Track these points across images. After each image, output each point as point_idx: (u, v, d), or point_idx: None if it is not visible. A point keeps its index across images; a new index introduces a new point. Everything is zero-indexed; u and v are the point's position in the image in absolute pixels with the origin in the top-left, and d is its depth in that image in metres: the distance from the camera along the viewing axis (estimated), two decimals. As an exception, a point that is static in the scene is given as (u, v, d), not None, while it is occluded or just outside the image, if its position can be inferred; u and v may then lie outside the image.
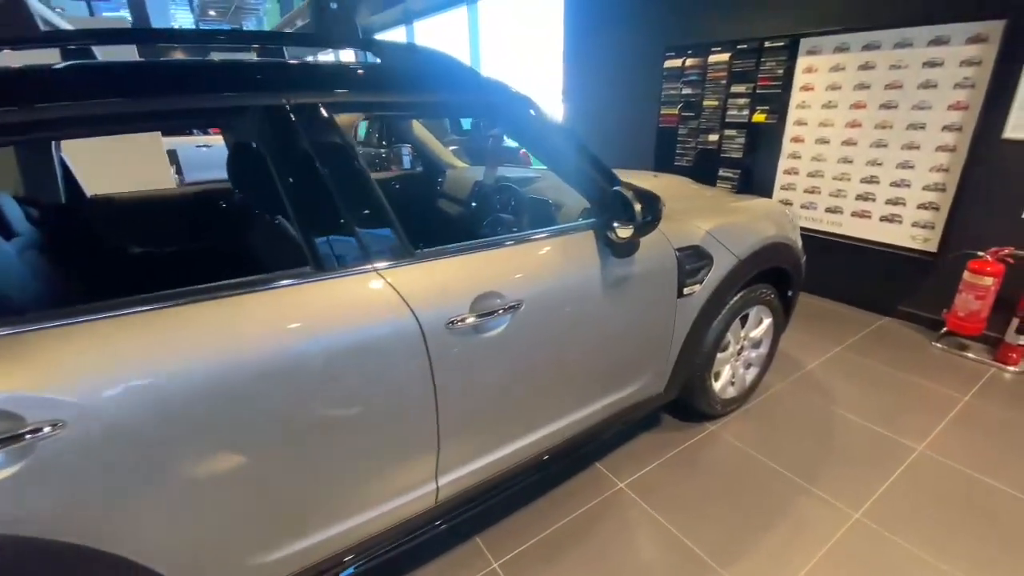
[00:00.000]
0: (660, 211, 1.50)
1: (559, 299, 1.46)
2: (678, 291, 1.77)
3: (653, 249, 1.67)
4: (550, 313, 1.45)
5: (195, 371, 0.93)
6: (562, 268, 1.48)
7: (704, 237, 1.81)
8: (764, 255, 2.03)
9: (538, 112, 1.55)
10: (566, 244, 1.52)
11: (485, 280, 1.33)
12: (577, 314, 1.52)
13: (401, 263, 1.23)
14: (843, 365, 2.68)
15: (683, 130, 4.09)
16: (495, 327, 1.33)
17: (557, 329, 1.48)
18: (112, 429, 0.86)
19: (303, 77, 1.20)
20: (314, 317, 1.08)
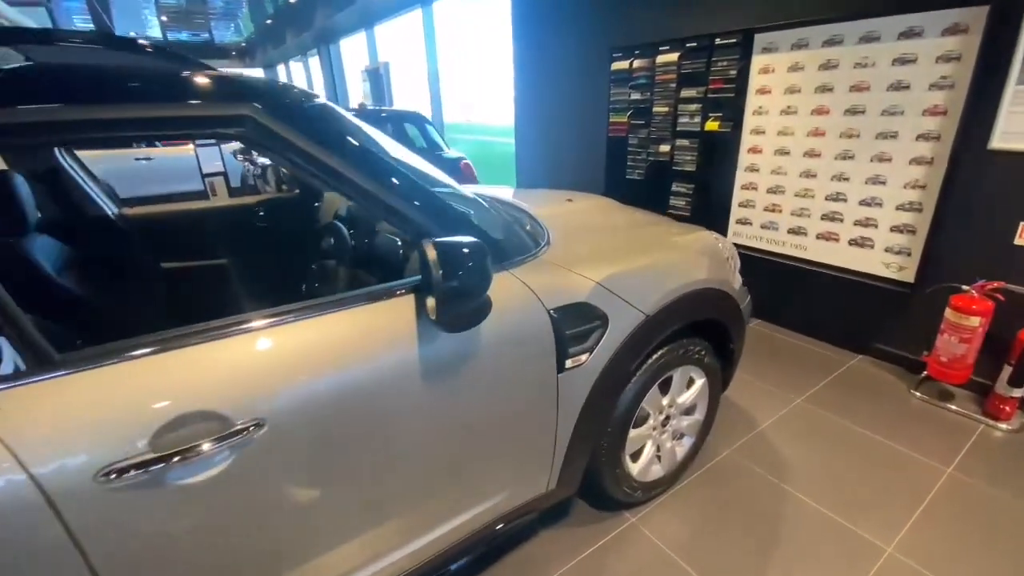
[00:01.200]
0: (482, 273, 1.03)
1: (346, 403, 1.00)
2: (558, 364, 1.31)
3: (514, 312, 1.22)
4: (323, 427, 0.98)
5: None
6: (359, 354, 1.02)
7: (594, 291, 1.36)
8: (687, 306, 1.58)
9: (325, 116, 1.10)
10: (374, 316, 1.07)
11: (201, 390, 0.87)
12: (380, 419, 1.06)
13: (20, 381, 0.76)
14: (804, 422, 2.23)
15: (633, 140, 3.65)
16: (203, 469, 0.86)
17: (337, 448, 1.02)
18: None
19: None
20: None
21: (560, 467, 1.47)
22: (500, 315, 1.19)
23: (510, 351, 1.22)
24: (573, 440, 1.44)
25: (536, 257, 1.38)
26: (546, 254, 1.42)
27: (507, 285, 1.24)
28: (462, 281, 0.98)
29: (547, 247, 1.47)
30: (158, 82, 0.94)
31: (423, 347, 1.08)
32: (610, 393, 1.47)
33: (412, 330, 1.08)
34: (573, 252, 1.49)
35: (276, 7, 8.97)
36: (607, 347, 1.39)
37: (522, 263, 1.32)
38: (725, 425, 2.20)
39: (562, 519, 1.74)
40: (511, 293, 1.24)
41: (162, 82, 0.95)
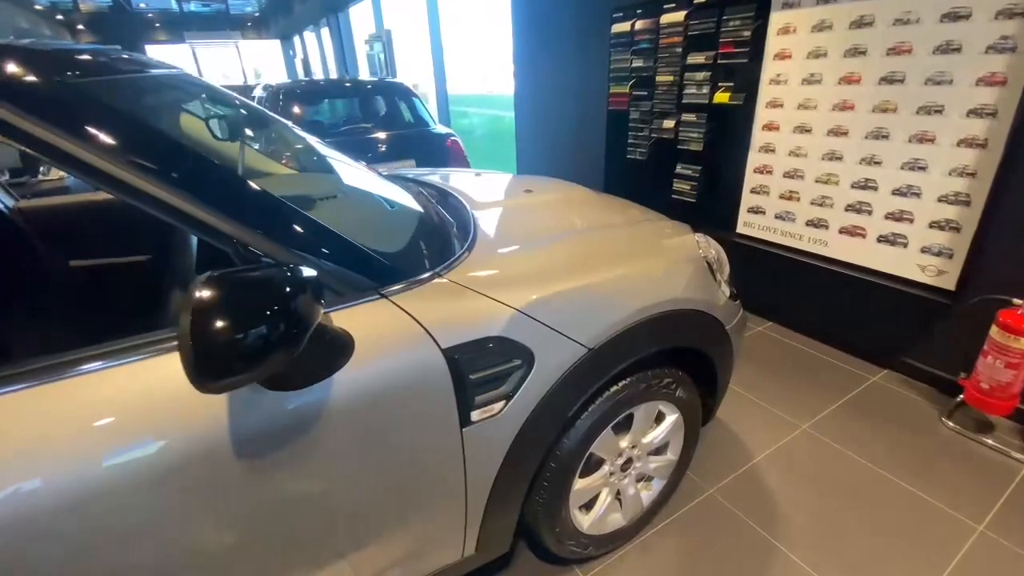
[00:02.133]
0: (283, 319, 0.71)
1: (98, 511, 0.73)
2: (460, 417, 1.02)
3: (390, 355, 0.93)
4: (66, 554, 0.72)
5: None
6: (111, 435, 0.74)
7: (513, 321, 1.05)
8: (650, 334, 1.26)
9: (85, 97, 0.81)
10: (141, 375, 0.79)
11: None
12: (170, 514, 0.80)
13: None
14: (808, 456, 1.89)
15: (635, 114, 3.23)
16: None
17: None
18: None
19: None
20: None
21: (478, 531, 1.19)
22: (367, 360, 0.90)
23: (386, 406, 0.94)
24: (492, 501, 1.16)
25: (439, 276, 1.08)
26: (456, 270, 1.11)
27: (383, 318, 0.95)
28: (251, 329, 0.68)
29: (460, 260, 1.16)
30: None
31: (239, 416, 0.80)
32: (540, 444, 1.18)
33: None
34: (497, 266, 1.18)
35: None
36: (532, 392, 1.09)
37: (414, 286, 1.02)
38: (711, 454, 1.88)
39: (500, 573, 1.48)
40: (388, 329, 0.94)
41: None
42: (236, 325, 0.66)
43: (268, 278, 0.74)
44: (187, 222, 0.81)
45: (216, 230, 0.82)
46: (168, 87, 1.21)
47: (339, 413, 0.88)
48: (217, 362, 0.66)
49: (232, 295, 0.68)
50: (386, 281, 0.99)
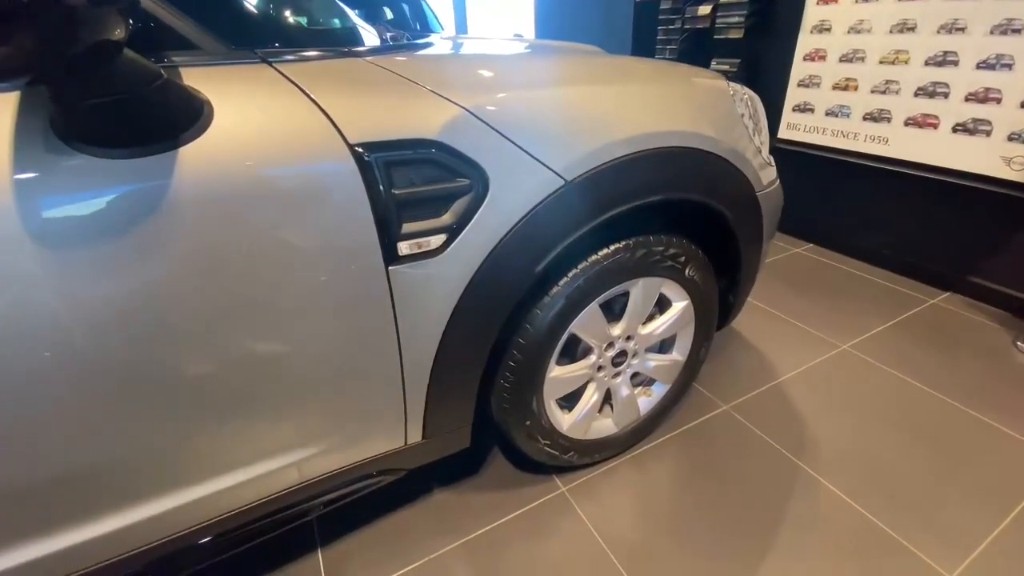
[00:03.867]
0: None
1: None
2: (384, 249, 0.76)
3: (268, 142, 0.66)
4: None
5: None
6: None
7: (459, 123, 0.77)
8: (651, 173, 0.96)
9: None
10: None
11: None
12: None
13: None
14: (847, 376, 1.58)
15: (666, 3, 2.80)
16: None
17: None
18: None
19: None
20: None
21: (423, 412, 0.95)
22: (233, 137, 0.64)
23: (261, 206, 0.67)
24: (439, 373, 0.91)
25: (362, 57, 0.80)
26: (392, 57, 0.83)
27: (264, 87, 0.68)
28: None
29: (402, 50, 0.87)
30: None
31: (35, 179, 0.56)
32: (501, 305, 0.91)
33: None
34: (452, 65, 0.90)
35: None
36: (487, 228, 0.82)
37: (320, 60, 0.75)
38: (726, 372, 1.60)
39: (467, 478, 1.26)
40: (270, 103, 0.68)
41: None
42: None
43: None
44: None
45: None
46: None
47: (189, 207, 0.62)
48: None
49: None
50: (272, 43, 0.72)
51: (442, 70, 0.85)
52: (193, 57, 0.66)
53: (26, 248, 0.56)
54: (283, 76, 0.70)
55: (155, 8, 0.63)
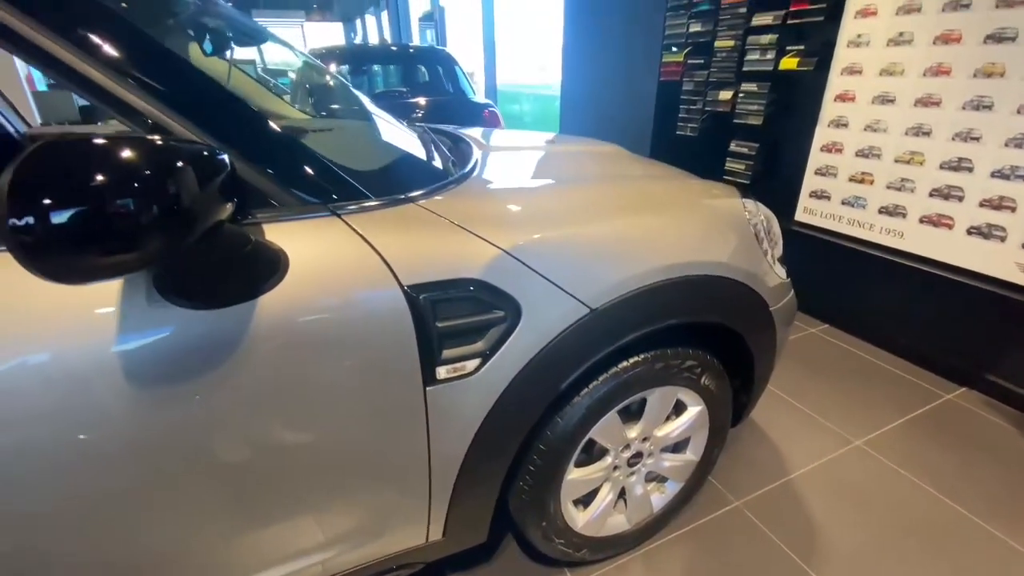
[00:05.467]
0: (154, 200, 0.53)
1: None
2: (424, 373, 0.84)
3: (335, 284, 0.76)
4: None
5: None
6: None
7: (497, 263, 0.85)
8: (671, 301, 1.04)
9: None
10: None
11: None
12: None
13: None
14: (860, 476, 1.59)
15: (688, 84, 2.94)
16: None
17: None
18: None
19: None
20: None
21: (446, 512, 1.01)
22: (305, 288, 0.74)
23: (324, 348, 0.76)
24: (463, 479, 0.97)
25: (413, 201, 0.89)
26: (438, 199, 0.93)
27: (331, 240, 0.78)
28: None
29: (445, 189, 0.97)
30: None
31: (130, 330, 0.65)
32: (525, 418, 0.98)
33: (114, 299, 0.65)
34: (489, 201, 0.99)
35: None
36: (517, 352, 0.89)
37: (379, 209, 0.84)
38: (741, 461, 1.62)
39: (480, 566, 1.30)
40: (336, 254, 0.77)
41: None
42: (86, 187, 0.49)
43: (150, 144, 0.55)
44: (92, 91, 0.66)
45: (127, 105, 0.67)
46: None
47: (264, 346, 0.72)
48: (56, 236, 0.48)
49: (91, 154, 0.51)
50: (341, 197, 0.82)
51: (481, 208, 0.94)
52: (274, 213, 0.76)
53: (127, 377, 0.65)
54: (348, 226, 0.79)
55: (248, 174, 0.74)
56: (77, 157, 0.50)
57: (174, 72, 0.74)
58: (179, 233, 0.56)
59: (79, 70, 0.64)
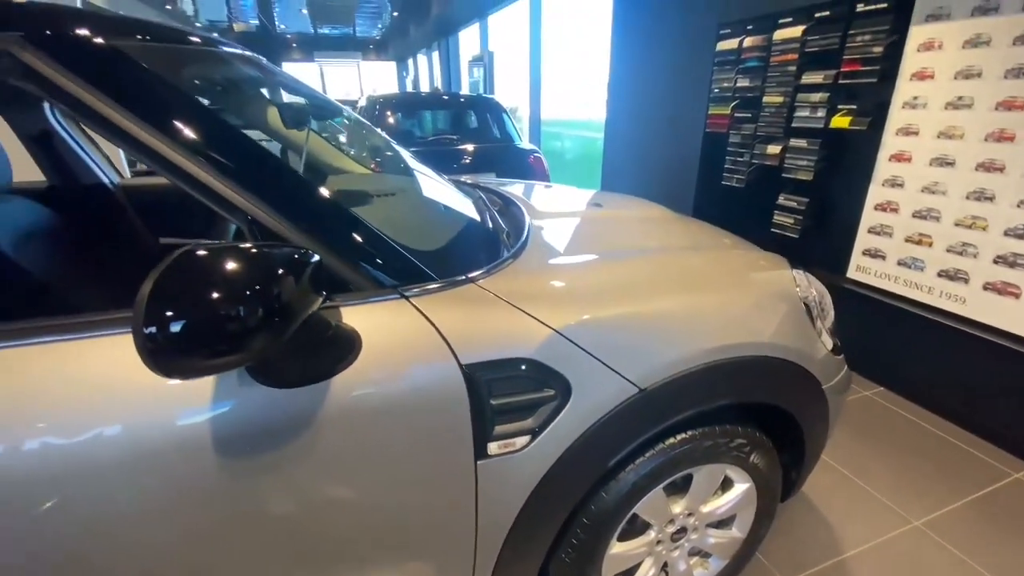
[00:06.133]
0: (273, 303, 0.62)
1: (87, 488, 0.68)
2: (476, 447, 0.87)
3: (401, 362, 0.81)
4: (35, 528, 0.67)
5: None
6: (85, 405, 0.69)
7: (550, 343, 0.89)
8: (720, 382, 1.04)
9: (122, 58, 0.78)
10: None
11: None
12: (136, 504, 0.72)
13: None
14: (918, 560, 1.50)
15: (735, 137, 2.95)
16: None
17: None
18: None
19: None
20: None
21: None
22: (375, 366, 0.79)
23: (390, 421, 0.81)
24: (508, 549, 0.99)
25: (472, 282, 0.95)
26: (494, 278, 0.98)
27: (400, 321, 0.83)
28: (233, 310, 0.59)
29: (501, 267, 1.02)
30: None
31: (222, 406, 0.71)
32: (571, 493, 0.99)
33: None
34: (542, 279, 1.03)
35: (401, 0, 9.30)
36: (566, 430, 0.92)
37: (441, 290, 0.90)
38: (789, 537, 1.56)
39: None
40: (404, 334, 0.83)
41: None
42: (201, 299, 0.58)
43: (258, 255, 0.65)
44: (196, 187, 0.75)
45: (225, 200, 0.76)
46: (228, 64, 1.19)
47: (336, 421, 0.78)
48: (181, 342, 0.57)
49: (205, 268, 0.60)
50: (409, 280, 0.88)
51: (534, 287, 0.98)
52: (351, 297, 0.82)
53: (216, 447, 0.72)
54: (415, 308, 0.85)
55: (334, 265, 0.81)
56: (202, 270, 0.58)
57: (272, 172, 0.83)
58: (280, 332, 0.63)
59: (181, 166, 0.74)
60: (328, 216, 0.85)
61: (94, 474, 0.67)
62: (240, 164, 0.78)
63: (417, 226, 1.13)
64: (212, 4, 14.03)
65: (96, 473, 0.67)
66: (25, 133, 1.70)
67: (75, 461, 0.66)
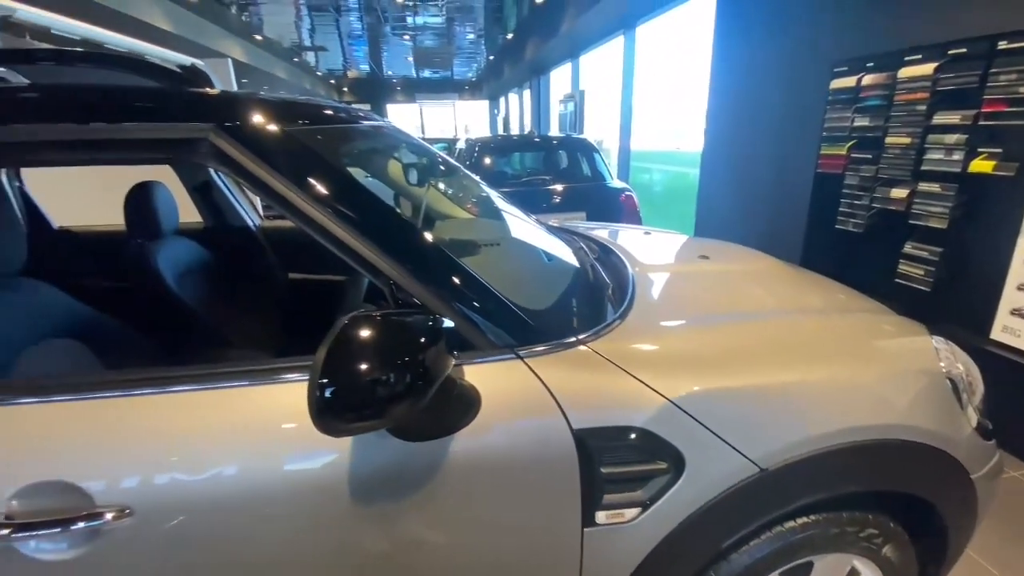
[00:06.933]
0: (416, 369, 0.70)
1: (240, 512, 0.77)
2: (583, 514, 0.87)
3: (515, 423, 0.84)
4: (204, 540, 0.76)
5: None
6: (266, 450, 0.78)
7: (664, 413, 0.87)
8: (847, 468, 0.97)
9: (293, 140, 0.90)
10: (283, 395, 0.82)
11: (74, 453, 0.75)
12: (281, 543, 0.80)
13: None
14: None
15: (852, 179, 2.75)
16: (52, 549, 0.74)
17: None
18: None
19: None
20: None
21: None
22: (491, 425, 0.83)
23: (502, 480, 0.84)
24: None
25: (583, 344, 0.95)
26: (604, 339, 0.98)
27: (515, 381, 0.86)
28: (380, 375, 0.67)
29: (611, 328, 1.02)
30: (103, 100, 0.84)
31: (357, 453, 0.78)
32: (679, 572, 0.94)
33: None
34: (653, 342, 1.01)
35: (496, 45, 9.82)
36: (677, 506, 0.88)
37: (554, 351, 0.92)
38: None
39: None
40: (519, 395, 0.85)
41: (109, 100, 0.84)
42: (366, 371, 0.66)
43: (405, 325, 0.73)
44: (354, 257, 0.84)
45: (375, 267, 0.84)
46: (369, 137, 1.33)
47: (454, 475, 0.82)
48: (340, 406, 0.66)
49: (367, 338, 0.68)
50: (524, 340, 0.91)
51: (646, 351, 0.97)
52: (471, 356, 0.87)
53: (352, 492, 0.79)
54: (530, 369, 0.87)
55: (463, 328, 0.86)
56: (361, 340, 0.67)
57: (413, 241, 0.92)
58: (422, 396, 0.69)
59: (339, 237, 0.83)
60: (458, 281, 0.90)
61: (248, 504, 0.77)
62: (386, 235, 0.87)
63: (529, 283, 1.17)
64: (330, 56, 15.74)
65: (252, 503, 0.77)
66: (191, 184, 2.00)
67: (238, 491, 0.77)
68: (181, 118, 0.83)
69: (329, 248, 0.85)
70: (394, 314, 0.77)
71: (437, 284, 0.87)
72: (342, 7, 10.08)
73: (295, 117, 0.96)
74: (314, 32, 12.87)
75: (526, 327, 0.92)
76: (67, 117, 0.80)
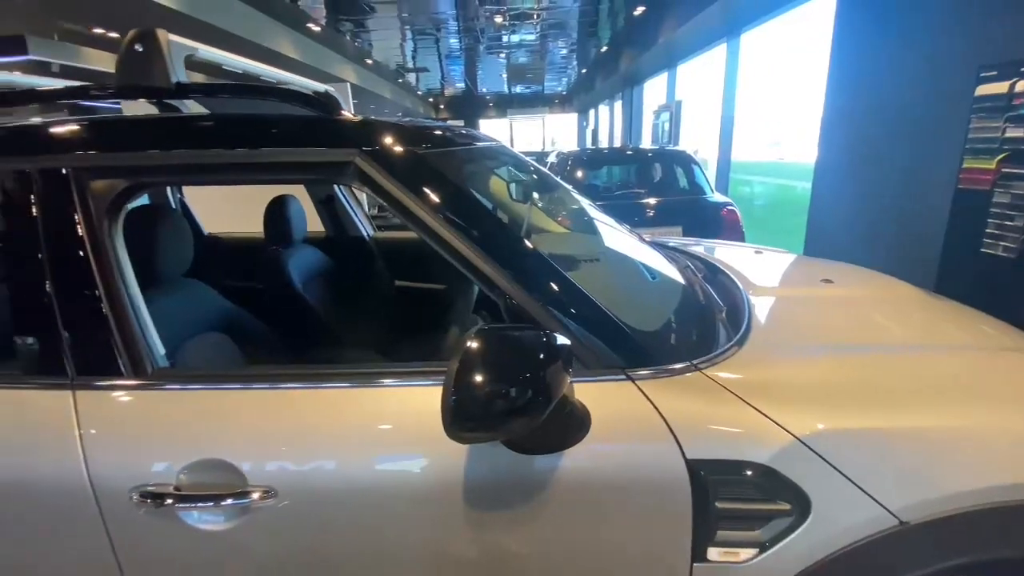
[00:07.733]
0: (531, 385, 0.72)
1: (367, 504, 0.85)
2: (694, 548, 0.84)
3: (625, 447, 0.84)
4: (335, 526, 0.84)
5: None
6: (404, 445, 0.86)
7: (789, 451, 0.82)
8: (1005, 530, 0.84)
9: (428, 165, 0.96)
10: (413, 399, 0.89)
11: (232, 437, 0.86)
12: (399, 539, 0.86)
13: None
14: None
15: (1003, 196, 2.40)
16: (212, 520, 0.85)
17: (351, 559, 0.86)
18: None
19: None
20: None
21: None
22: (601, 444, 0.84)
23: (610, 501, 0.83)
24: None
25: (697, 369, 0.92)
26: (720, 365, 0.94)
27: (626, 403, 0.85)
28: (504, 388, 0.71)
29: (727, 354, 0.97)
30: (259, 127, 0.95)
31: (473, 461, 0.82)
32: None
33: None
34: (775, 371, 0.95)
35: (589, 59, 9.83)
36: (800, 552, 0.82)
37: (666, 375, 0.89)
38: None
39: None
40: (629, 417, 0.84)
41: (273, 128, 0.95)
42: (491, 384, 0.69)
43: (528, 342, 0.76)
44: (474, 272, 0.88)
45: (493, 283, 0.88)
46: (486, 156, 1.40)
47: (564, 490, 0.84)
48: (468, 416, 0.69)
49: (494, 353, 0.72)
50: (635, 362, 0.89)
51: (768, 381, 0.91)
52: (582, 374, 0.87)
53: (466, 497, 0.83)
54: (641, 392, 0.86)
55: (574, 343, 0.87)
56: (488, 354, 0.71)
57: (531, 259, 0.94)
58: (542, 411, 0.71)
59: (464, 255, 0.88)
60: (572, 299, 0.91)
61: (374, 498, 0.85)
62: (505, 252, 0.90)
63: (639, 302, 1.15)
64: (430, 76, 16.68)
65: (377, 497, 0.85)
66: (317, 198, 2.20)
67: (367, 485, 0.84)
68: (331, 144, 0.93)
69: (451, 262, 0.90)
70: (514, 329, 0.80)
71: (552, 301, 0.89)
72: (443, 29, 10.67)
73: (423, 141, 1.03)
74: (416, 54, 13.72)
75: (637, 348, 0.91)
76: (241, 143, 0.92)
